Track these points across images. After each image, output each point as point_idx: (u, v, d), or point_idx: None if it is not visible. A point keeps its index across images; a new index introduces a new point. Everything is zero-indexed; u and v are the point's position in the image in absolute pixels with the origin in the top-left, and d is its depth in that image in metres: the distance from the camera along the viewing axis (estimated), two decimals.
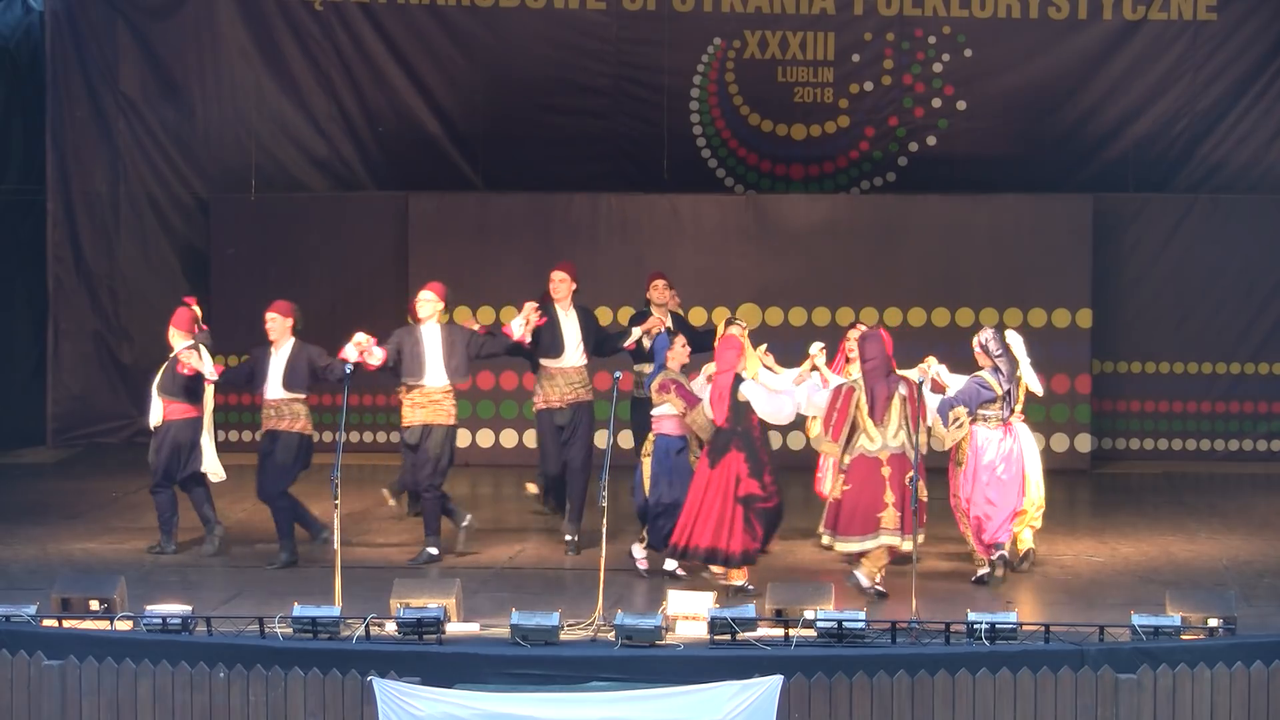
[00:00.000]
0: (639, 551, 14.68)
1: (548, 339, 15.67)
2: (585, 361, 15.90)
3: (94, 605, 12.72)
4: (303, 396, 15.14)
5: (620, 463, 15.01)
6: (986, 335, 14.64)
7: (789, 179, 20.63)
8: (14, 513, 16.81)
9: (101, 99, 20.49)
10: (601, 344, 16.11)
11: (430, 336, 15.31)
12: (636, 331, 16.07)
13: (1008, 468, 14.43)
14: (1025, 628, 12.24)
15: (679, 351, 14.81)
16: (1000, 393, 14.44)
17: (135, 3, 20.51)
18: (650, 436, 14.80)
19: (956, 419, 14.32)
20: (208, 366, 15.19)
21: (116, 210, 20.62)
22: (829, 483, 14.74)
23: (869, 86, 20.48)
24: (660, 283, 16.45)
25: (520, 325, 15.39)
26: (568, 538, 15.54)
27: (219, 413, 19.94)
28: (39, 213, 20.53)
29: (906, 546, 13.57)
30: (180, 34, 20.51)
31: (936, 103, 20.43)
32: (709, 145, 20.63)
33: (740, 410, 14.11)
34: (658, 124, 20.49)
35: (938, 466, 14.46)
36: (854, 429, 13.91)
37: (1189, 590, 13.18)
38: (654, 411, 14.77)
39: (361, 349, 14.96)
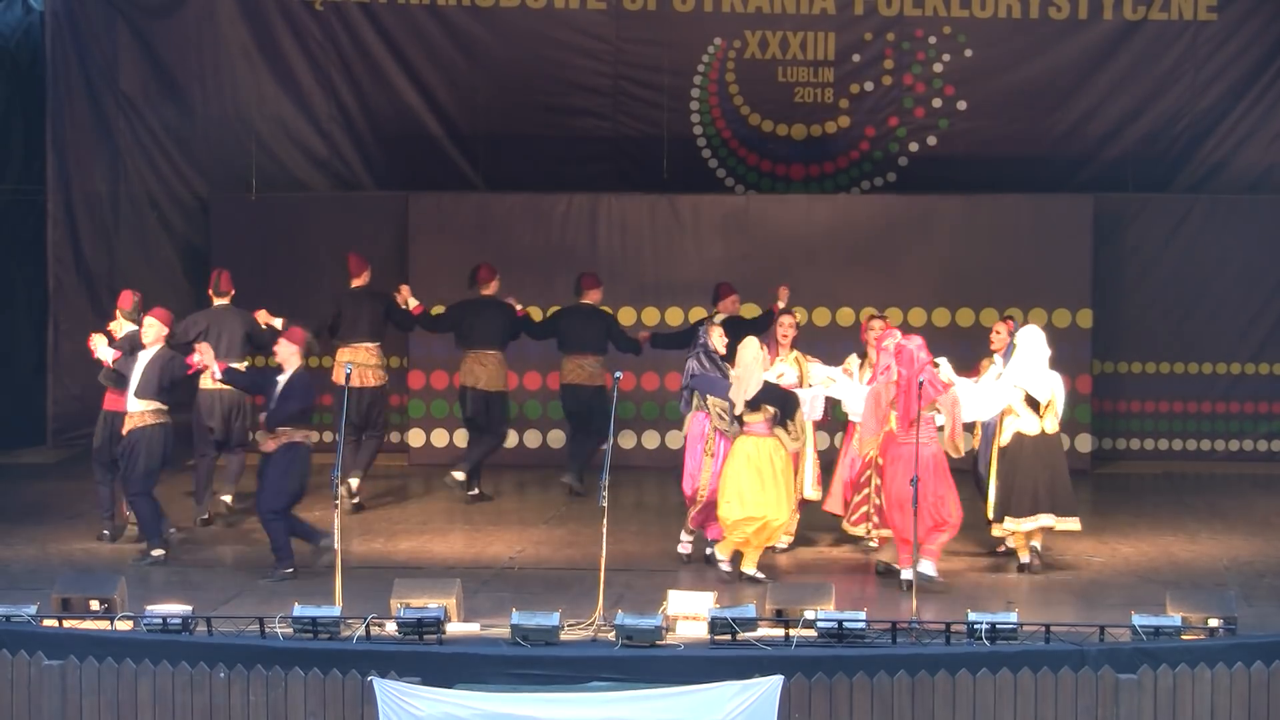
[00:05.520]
0: None
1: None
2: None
3: (94, 605, 12.72)
4: None
5: (619, 463, 15.03)
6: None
7: (789, 179, 20.64)
8: (14, 513, 16.81)
9: (102, 99, 20.48)
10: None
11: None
12: None
13: None
14: (1025, 628, 12.23)
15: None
16: None
17: (135, 2, 20.51)
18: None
19: None
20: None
21: (117, 210, 20.61)
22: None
23: (869, 87, 20.49)
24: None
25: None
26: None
27: None
28: (39, 213, 20.53)
29: None
30: (180, 34, 20.51)
31: (937, 103, 20.44)
32: (709, 145, 20.64)
33: None
34: (658, 124, 20.49)
35: None
36: None
37: (1189, 590, 13.18)
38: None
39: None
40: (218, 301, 16.81)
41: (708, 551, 14.84)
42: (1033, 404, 14.75)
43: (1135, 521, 16.78)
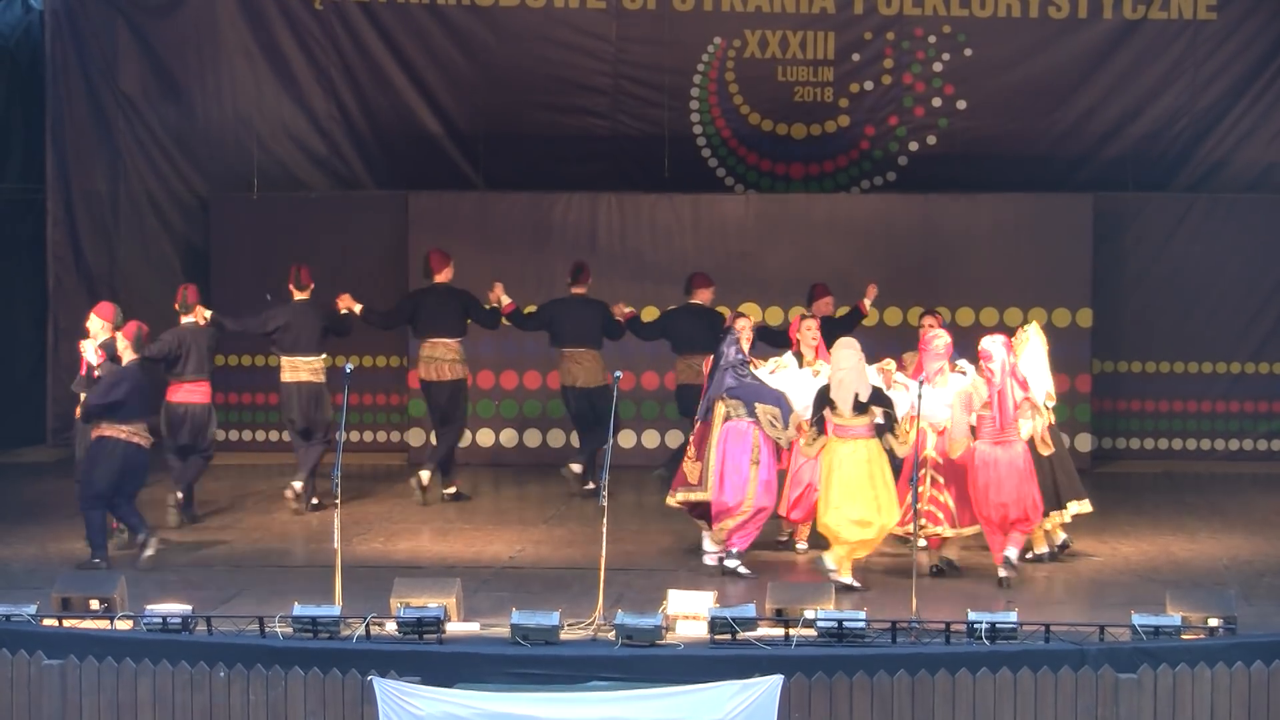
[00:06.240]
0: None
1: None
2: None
3: (94, 605, 12.71)
4: None
5: (619, 462, 15.02)
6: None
7: (789, 178, 20.64)
8: (14, 512, 16.81)
9: (101, 98, 20.48)
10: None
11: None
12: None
13: None
14: (1025, 627, 12.22)
15: None
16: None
17: (135, 1, 20.52)
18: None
19: None
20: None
21: (116, 209, 20.62)
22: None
23: (869, 86, 20.49)
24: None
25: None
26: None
27: (219, 412, 20.06)
28: (39, 212, 20.53)
29: None
30: (180, 33, 20.52)
31: (937, 102, 20.45)
32: (709, 145, 20.64)
33: None
34: (658, 123, 20.50)
35: None
36: None
37: (1189, 590, 13.17)
38: None
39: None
40: (298, 295, 17.25)
41: (711, 557, 14.84)
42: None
43: (1135, 520, 16.77)
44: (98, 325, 15.56)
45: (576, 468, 17.73)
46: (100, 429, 14.83)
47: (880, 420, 14.10)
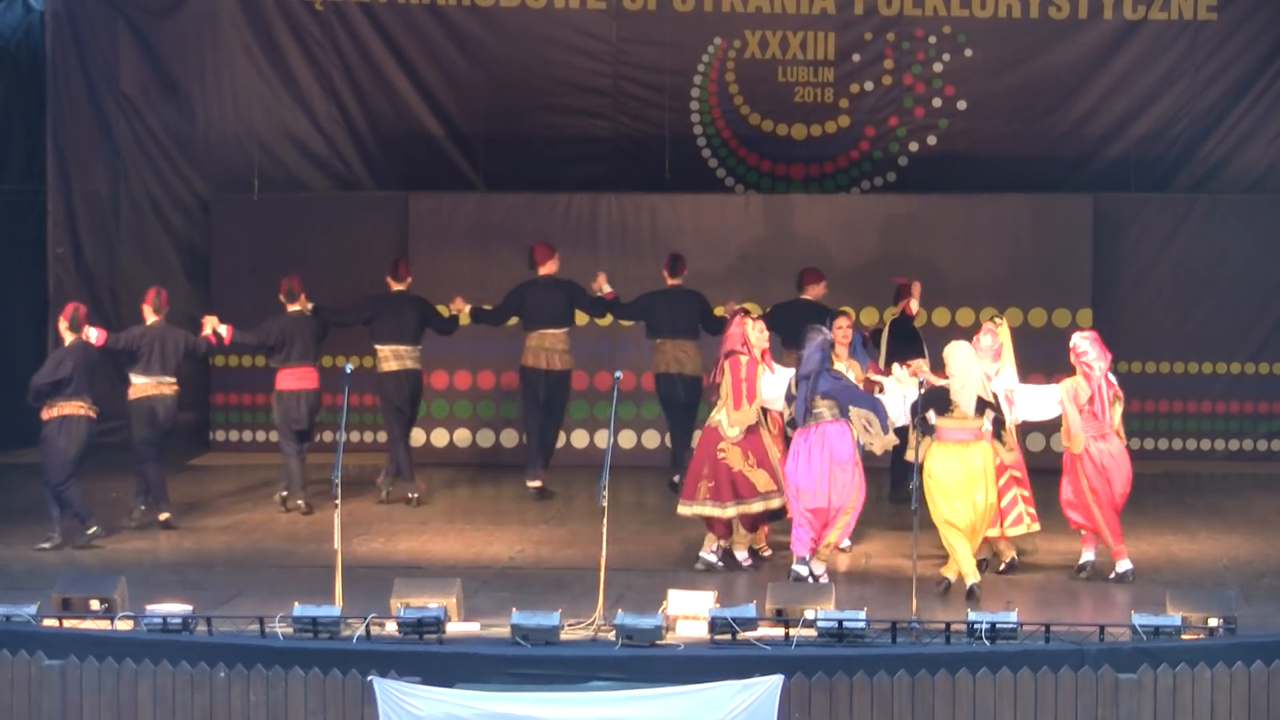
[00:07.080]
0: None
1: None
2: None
3: (94, 605, 12.73)
4: None
5: (619, 462, 15.00)
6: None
7: (789, 179, 20.65)
8: (14, 512, 16.83)
9: (102, 99, 20.49)
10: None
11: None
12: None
13: None
14: (1025, 627, 12.24)
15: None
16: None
17: (136, 2, 20.53)
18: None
19: None
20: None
21: (117, 210, 20.63)
22: None
23: (869, 86, 20.50)
24: None
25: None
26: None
27: (219, 412, 20.09)
28: (39, 212, 20.53)
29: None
30: (181, 34, 20.53)
31: (937, 102, 20.45)
32: (709, 145, 20.64)
33: None
34: (658, 124, 20.51)
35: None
36: None
37: (1189, 590, 13.18)
38: None
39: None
40: (395, 287, 17.58)
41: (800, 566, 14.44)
42: None
43: (1135, 521, 16.71)
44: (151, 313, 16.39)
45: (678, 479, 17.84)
46: (61, 409, 15.46)
47: (989, 424, 14.11)
